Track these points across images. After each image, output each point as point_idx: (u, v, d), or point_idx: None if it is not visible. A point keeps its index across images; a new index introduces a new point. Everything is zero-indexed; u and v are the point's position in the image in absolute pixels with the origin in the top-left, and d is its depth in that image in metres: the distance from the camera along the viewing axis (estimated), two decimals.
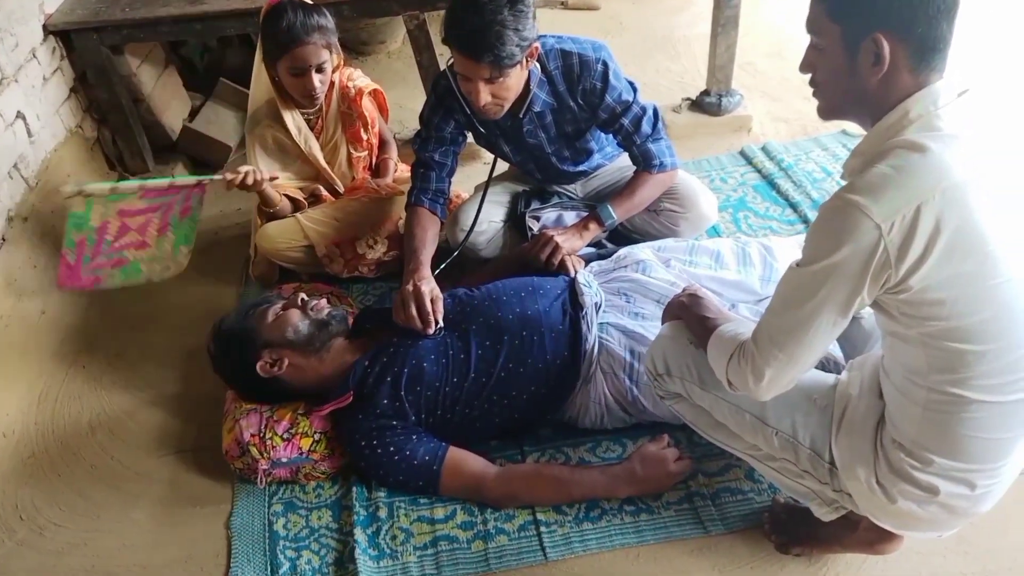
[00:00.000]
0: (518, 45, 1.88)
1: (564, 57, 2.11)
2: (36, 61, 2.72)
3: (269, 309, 1.99)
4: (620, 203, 2.29)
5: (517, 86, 2.03)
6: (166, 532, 1.95)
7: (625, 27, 3.96)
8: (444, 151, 2.26)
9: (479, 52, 1.88)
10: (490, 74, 1.92)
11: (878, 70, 1.24)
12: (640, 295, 2.08)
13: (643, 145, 2.23)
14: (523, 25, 1.87)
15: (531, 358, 1.94)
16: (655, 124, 2.23)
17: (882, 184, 1.21)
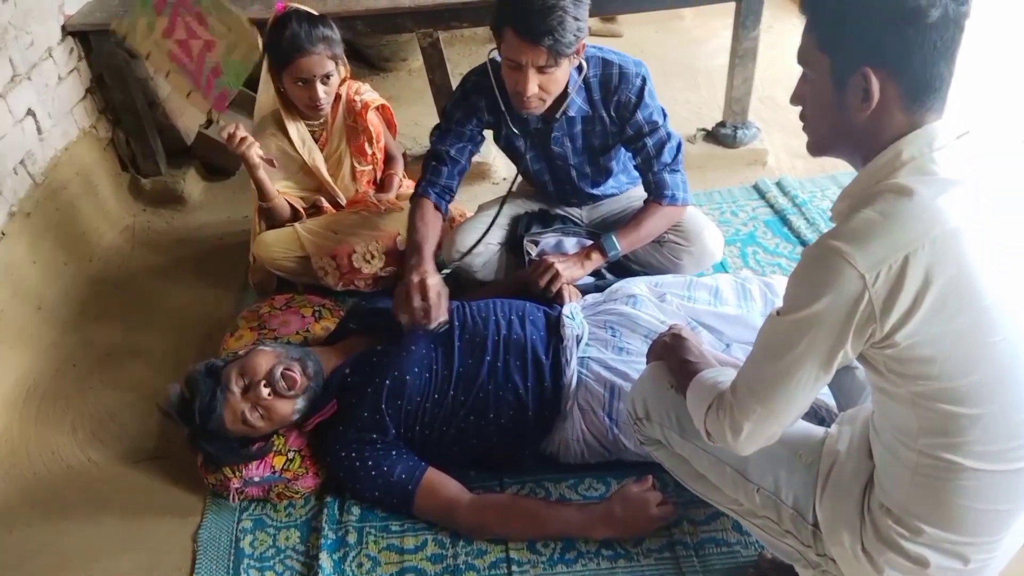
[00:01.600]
0: (575, 34, 1.81)
1: (604, 66, 2.05)
2: (52, 60, 2.70)
3: (249, 419, 1.78)
4: (625, 234, 2.19)
5: (563, 80, 1.95)
6: (133, 539, 1.89)
7: (646, 55, 3.78)
8: (460, 148, 2.18)
9: (539, 35, 1.78)
10: (546, 61, 1.83)
11: (866, 107, 1.14)
12: (627, 329, 1.98)
13: (660, 173, 2.14)
14: (581, 14, 1.81)
15: (511, 383, 1.85)
16: (676, 155, 2.15)
17: (867, 231, 1.10)
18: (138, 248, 2.89)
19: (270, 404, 1.79)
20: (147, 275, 2.75)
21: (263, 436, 1.85)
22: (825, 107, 1.19)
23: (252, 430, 1.81)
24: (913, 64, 1.10)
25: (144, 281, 2.72)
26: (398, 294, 1.92)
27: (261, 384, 1.78)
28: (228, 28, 2.09)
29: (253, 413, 1.79)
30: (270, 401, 1.79)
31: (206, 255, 2.83)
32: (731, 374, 1.36)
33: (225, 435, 1.80)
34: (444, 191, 2.20)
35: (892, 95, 1.12)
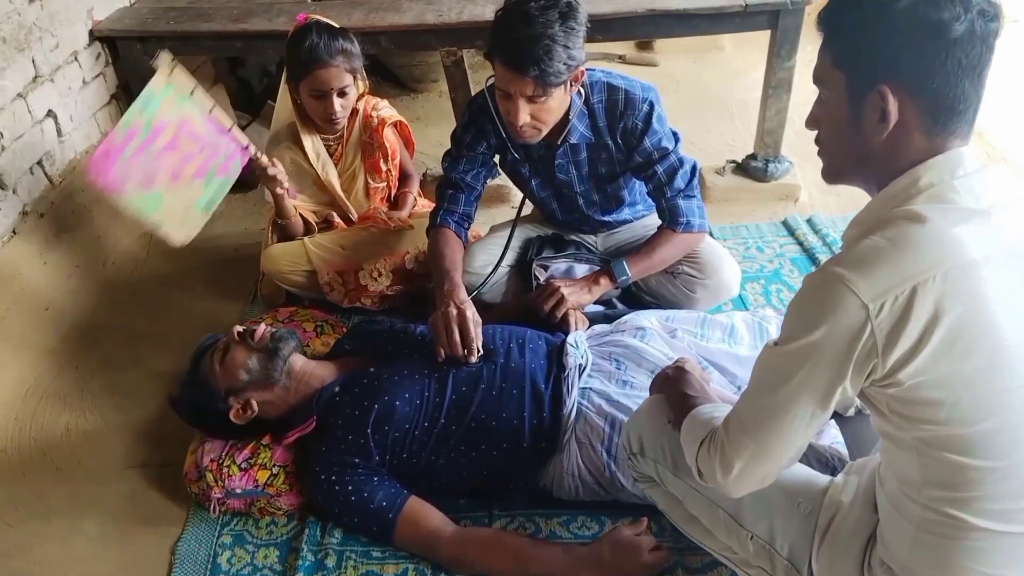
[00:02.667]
0: (566, 63, 1.77)
1: (610, 92, 2.00)
2: (77, 64, 2.75)
3: (213, 356, 1.88)
4: (637, 261, 2.13)
5: (559, 109, 1.92)
6: (112, 547, 1.87)
7: (681, 85, 3.84)
8: (475, 173, 2.17)
9: (525, 65, 1.76)
10: (533, 91, 1.81)
11: (883, 128, 1.07)
12: (632, 363, 1.91)
13: (673, 199, 2.08)
14: (573, 43, 1.77)
15: (506, 412, 1.79)
16: (690, 180, 2.09)
17: (873, 258, 1.03)
18: (152, 255, 2.90)
19: (231, 347, 1.87)
20: (158, 283, 2.76)
21: (219, 402, 1.85)
22: (840, 129, 1.13)
23: (211, 373, 1.86)
24: (935, 83, 1.03)
25: (154, 288, 2.73)
26: (435, 325, 1.88)
27: (239, 325, 1.92)
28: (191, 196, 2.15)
29: (218, 352, 1.87)
30: (234, 344, 1.87)
31: (219, 266, 2.83)
32: (728, 411, 1.28)
33: (202, 376, 1.87)
34: (463, 219, 2.18)
35: (911, 116, 1.05)
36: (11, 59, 2.44)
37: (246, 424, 1.86)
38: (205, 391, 1.85)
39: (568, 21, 1.76)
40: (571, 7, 1.77)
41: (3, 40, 2.41)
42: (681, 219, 2.08)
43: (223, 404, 1.84)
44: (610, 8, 2.62)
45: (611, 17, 2.60)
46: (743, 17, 2.61)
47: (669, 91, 3.77)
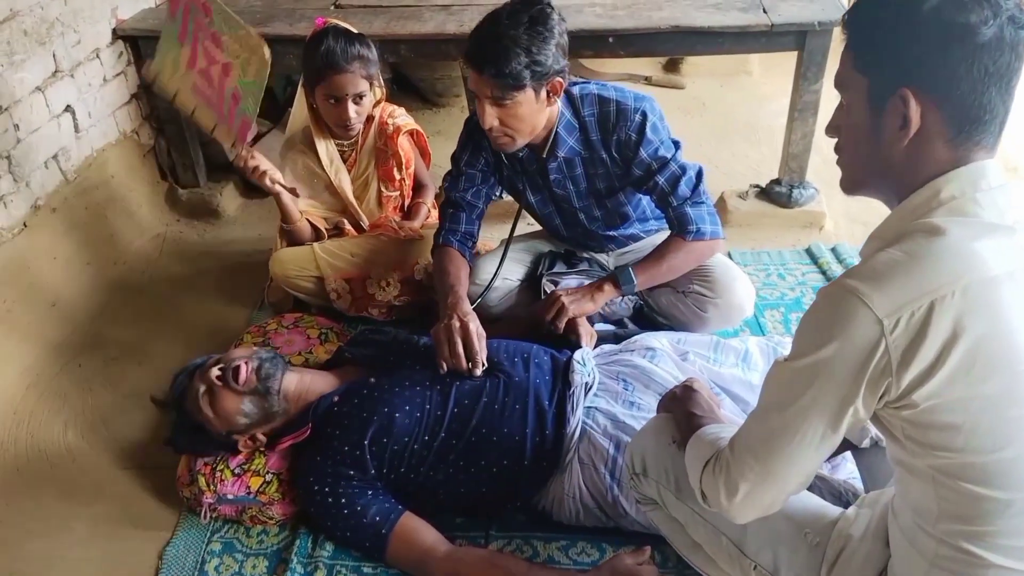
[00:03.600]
0: (528, 67, 1.76)
1: (601, 104, 1.97)
2: (99, 61, 2.78)
3: (200, 400, 1.77)
4: (644, 268, 2.08)
5: (529, 118, 1.88)
6: (98, 549, 1.84)
7: (707, 108, 3.81)
8: (476, 192, 2.14)
9: (481, 63, 1.78)
10: (492, 92, 1.81)
11: (904, 135, 1.02)
12: (641, 384, 1.86)
13: (680, 208, 2.02)
14: (538, 48, 1.76)
15: (507, 428, 1.74)
16: (696, 187, 2.03)
17: (888, 271, 0.98)
18: (165, 257, 2.91)
19: (217, 392, 1.77)
20: (168, 284, 2.76)
21: (221, 437, 1.80)
22: (860, 135, 1.09)
23: (203, 417, 1.77)
24: (959, 89, 0.99)
25: (164, 290, 2.73)
26: (438, 337, 1.85)
27: (215, 365, 1.79)
28: (240, 45, 2.08)
29: (204, 397, 1.77)
30: (218, 388, 1.77)
31: (230, 270, 2.83)
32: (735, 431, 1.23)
33: (193, 417, 1.79)
34: (465, 237, 2.15)
35: (934, 124, 1.01)
36: (31, 52, 2.46)
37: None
38: (203, 434, 1.80)
39: (536, 26, 1.76)
40: (542, 13, 1.77)
41: (24, 33, 2.44)
42: (691, 227, 2.02)
43: (227, 439, 1.80)
44: (632, 23, 2.60)
45: (633, 32, 2.58)
46: (769, 37, 2.57)
47: (695, 113, 3.76)
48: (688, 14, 2.62)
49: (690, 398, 1.46)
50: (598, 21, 2.62)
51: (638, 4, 2.74)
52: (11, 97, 2.39)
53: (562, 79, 1.85)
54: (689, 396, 1.47)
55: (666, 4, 2.72)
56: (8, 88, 2.37)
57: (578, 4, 2.76)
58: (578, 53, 2.69)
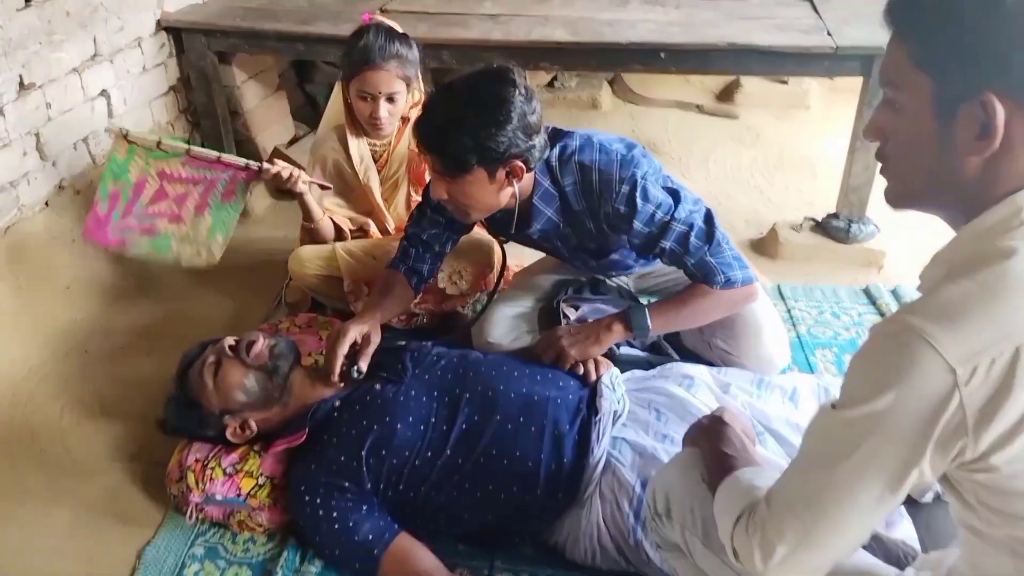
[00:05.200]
0: (473, 151, 1.62)
1: (582, 171, 1.78)
2: (140, 50, 2.77)
3: (203, 370, 1.70)
4: (661, 311, 1.87)
5: (483, 198, 1.73)
6: (77, 542, 1.76)
7: (761, 139, 3.67)
8: (435, 235, 1.96)
9: (421, 137, 1.68)
10: (435, 167, 1.70)
11: (983, 146, 0.86)
12: (675, 415, 1.71)
13: (700, 261, 1.80)
14: (487, 134, 1.60)
15: (520, 451, 1.61)
16: (709, 236, 1.78)
17: (961, 307, 0.83)
18: None
19: (225, 362, 1.71)
20: (187, 277, 2.67)
21: (212, 418, 1.71)
22: (920, 144, 0.92)
23: (202, 389, 1.70)
24: None
25: (181, 282, 2.65)
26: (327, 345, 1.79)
27: (230, 337, 1.75)
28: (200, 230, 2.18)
29: (209, 367, 1.71)
30: (227, 359, 1.71)
31: (251, 268, 2.76)
32: (774, 479, 1.08)
33: (191, 391, 1.72)
34: (411, 272, 1.97)
35: (1019, 131, 0.85)
36: (72, 33, 2.45)
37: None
38: (196, 411, 1.71)
39: (489, 110, 1.60)
40: (500, 96, 1.60)
41: (67, 13, 2.43)
42: (718, 276, 1.79)
43: (218, 423, 1.71)
44: (686, 38, 2.49)
45: (687, 48, 2.48)
46: (833, 60, 2.44)
47: (747, 144, 3.63)
48: (747, 32, 2.51)
49: (720, 432, 1.31)
50: (650, 35, 2.53)
51: (694, 21, 2.64)
52: (46, 75, 2.37)
53: (524, 162, 1.68)
54: (719, 430, 1.32)
55: (724, 22, 2.61)
56: (44, 66, 2.35)
57: (631, 19, 2.67)
58: (628, 67, 2.60)
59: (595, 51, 2.54)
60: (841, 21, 2.54)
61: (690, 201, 1.79)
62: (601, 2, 2.85)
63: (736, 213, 3.01)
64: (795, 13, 2.68)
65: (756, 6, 2.77)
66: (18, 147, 2.31)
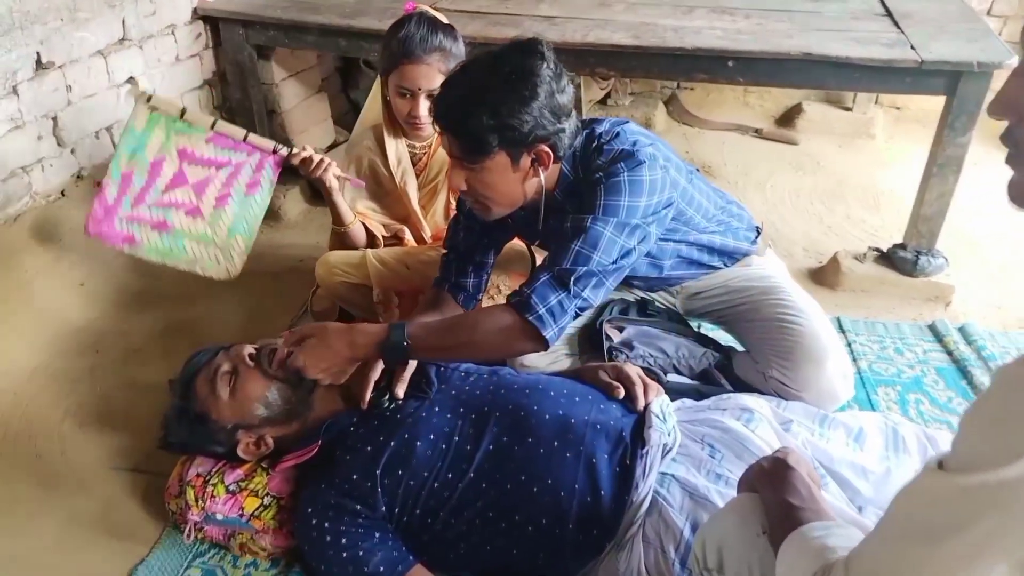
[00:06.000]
0: (494, 131, 1.47)
1: (605, 155, 1.61)
2: (173, 38, 2.68)
3: (216, 380, 1.54)
4: (424, 330, 1.56)
5: (504, 187, 1.57)
6: (65, 556, 1.63)
7: (822, 167, 3.49)
8: (473, 243, 1.82)
9: (439, 113, 1.53)
10: (453, 151, 1.54)
11: None
12: (732, 452, 1.52)
13: (546, 272, 1.54)
14: (509, 109, 1.46)
15: (552, 479, 1.43)
16: (583, 278, 1.53)
17: None
18: None
19: (243, 372, 1.55)
20: (210, 280, 2.54)
21: (223, 433, 1.55)
22: None
23: (214, 401, 1.54)
24: None
25: (204, 285, 2.48)
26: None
27: (248, 345, 1.60)
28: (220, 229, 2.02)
29: (224, 376, 1.55)
30: (245, 369, 1.56)
31: (279, 274, 2.64)
32: (850, 538, 0.93)
33: (199, 402, 1.56)
34: (456, 289, 1.84)
35: None
36: (98, 12, 2.36)
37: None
38: (204, 424, 1.55)
39: (514, 83, 1.46)
40: (528, 68, 1.46)
41: None
42: (531, 300, 1.51)
43: (229, 438, 1.55)
44: (756, 46, 2.32)
45: (758, 56, 2.31)
46: (915, 76, 2.25)
47: (807, 171, 3.47)
48: (822, 43, 2.33)
49: (784, 477, 1.13)
50: (717, 42, 2.36)
51: (765, 30, 2.48)
52: (67, 55, 2.27)
53: (552, 147, 1.53)
54: (782, 474, 1.14)
55: (797, 32, 2.44)
56: (65, 44, 2.26)
57: (697, 26, 2.52)
58: (692, 76, 2.43)
59: (657, 56, 2.38)
60: (926, 36, 2.35)
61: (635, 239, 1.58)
62: (664, 8, 2.70)
63: (794, 241, 2.84)
64: (874, 27, 2.50)
65: (832, 19, 2.60)
66: (32, 130, 2.21)
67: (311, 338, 1.54)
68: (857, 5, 2.76)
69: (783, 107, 3.93)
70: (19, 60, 2.12)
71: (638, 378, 1.63)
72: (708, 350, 1.98)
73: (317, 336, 1.54)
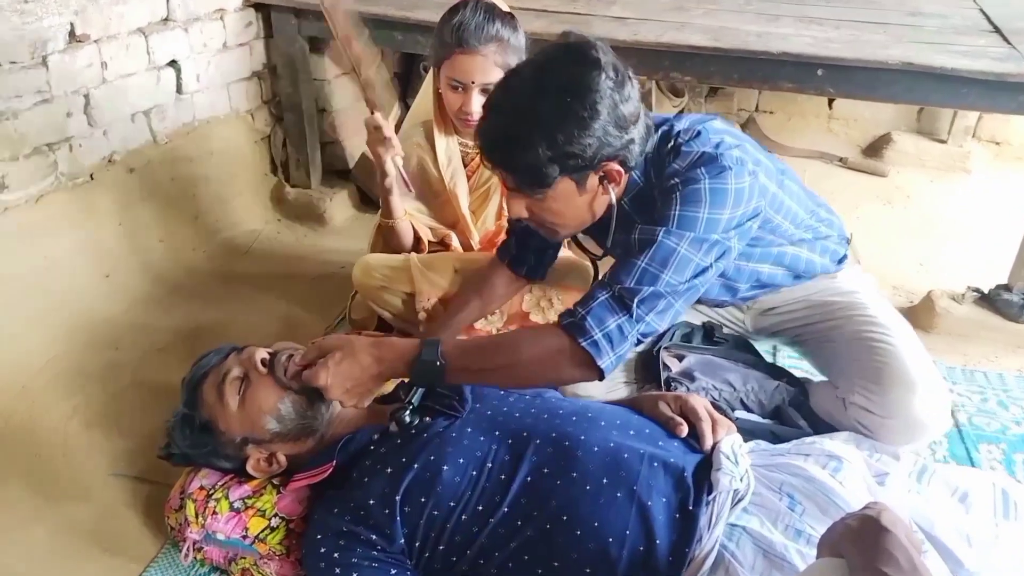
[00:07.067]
0: (554, 162, 1.31)
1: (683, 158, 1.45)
2: (221, 24, 2.61)
3: (224, 387, 1.41)
4: (462, 349, 1.41)
5: (572, 211, 1.43)
6: (53, 567, 1.52)
7: (912, 201, 3.28)
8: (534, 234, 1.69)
9: (486, 149, 1.38)
10: (508, 184, 1.40)
11: None
12: (815, 506, 1.31)
13: (603, 291, 1.37)
14: (567, 136, 1.29)
15: (599, 522, 1.24)
16: (653, 290, 1.36)
17: None
18: (253, 254, 2.67)
19: (255, 380, 1.40)
20: (247, 283, 2.50)
21: (231, 445, 1.41)
22: None
23: (221, 409, 1.40)
24: None
25: (241, 286, 2.47)
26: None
27: (262, 348, 1.45)
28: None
29: (233, 383, 1.41)
30: (257, 376, 1.41)
31: (319, 279, 2.54)
32: None
33: (205, 409, 1.42)
34: (516, 261, 1.78)
35: None
36: None
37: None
38: (211, 435, 1.41)
39: (568, 101, 1.29)
40: (583, 80, 1.29)
41: None
42: (590, 331, 1.34)
43: (237, 452, 1.41)
44: (851, 53, 2.14)
45: (851, 65, 2.13)
46: None
47: (897, 204, 3.28)
48: (924, 54, 2.14)
49: (878, 541, 0.94)
50: (806, 48, 2.19)
51: (860, 38, 2.30)
52: (103, 29, 2.19)
53: (621, 163, 1.37)
54: (877, 537, 0.95)
55: (894, 44, 2.25)
56: (102, 18, 2.18)
57: (783, 33, 2.35)
58: (776, 84, 2.25)
59: (738, 60, 2.21)
60: None
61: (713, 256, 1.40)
62: (748, 15, 2.54)
63: (883, 277, 2.63)
64: (980, 41, 2.30)
65: (932, 32, 2.41)
66: (61, 105, 2.12)
67: (336, 352, 1.36)
68: (960, 21, 2.57)
69: (870, 136, 3.74)
70: (51, 30, 2.04)
71: (705, 412, 1.42)
72: (781, 383, 1.78)
73: (343, 350, 1.36)
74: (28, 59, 2.01)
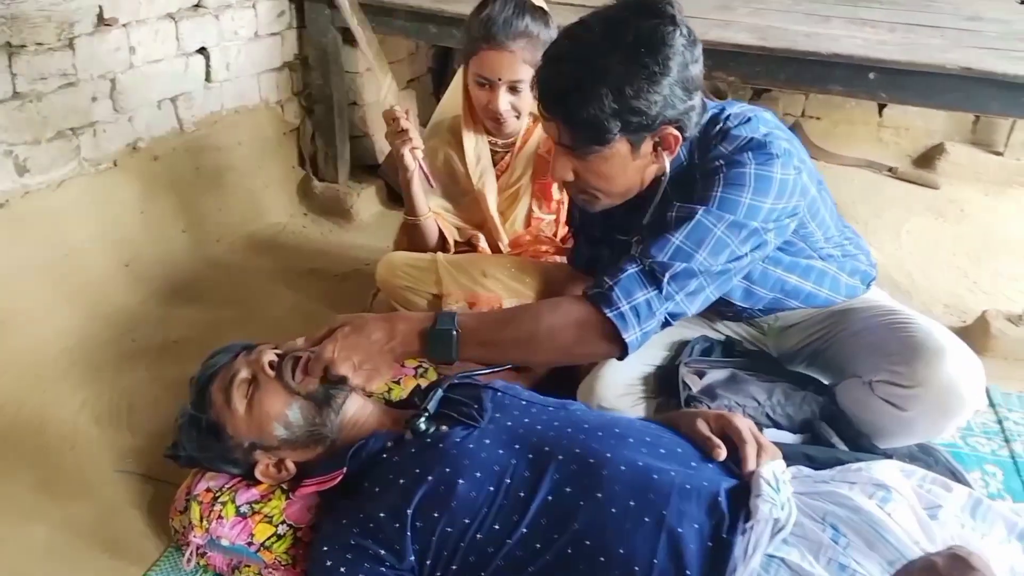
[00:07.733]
0: (617, 116, 1.26)
1: (727, 140, 1.40)
2: (253, 12, 2.58)
3: (231, 390, 1.36)
4: (477, 319, 1.40)
5: (620, 177, 1.38)
6: (50, 567, 1.48)
7: (966, 215, 3.17)
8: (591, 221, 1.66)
9: (545, 97, 1.32)
10: (561, 139, 1.33)
11: None
12: (860, 539, 1.22)
13: (632, 263, 1.34)
14: (636, 89, 1.25)
15: (625, 548, 1.16)
16: (686, 268, 1.33)
17: None
18: (277, 248, 2.64)
19: (263, 383, 1.35)
20: (268, 276, 2.46)
21: (238, 450, 1.36)
22: None
23: (229, 413, 1.35)
24: None
25: (261, 279, 2.43)
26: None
27: (271, 349, 1.40)
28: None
29: (241, 385, 1.36)
30: (265, 379, 1.35)
31: (342, 276, 2.51)
32: None
33: (213, 412, 1.38)
34: (594, 262, 1.74)
35: None
36: None
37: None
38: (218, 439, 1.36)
39: (641, 54, 1.24)
40: (657, 33, 1.24)
41: None
42: (617, 302, 1.31)
43: (246, 456, 1.37)
44: (906, 56, 2.04)
45: (906, 69, 2.02)
46: None
47: (950, 219, 3.16)
48: (985, 59, 2.03)
49: None
50: (858, 50, 2.09)
51: (916, 41, 2.20)
52: (132, 13, 2.17)
53: (679, 128, 1.32)
54: None
55: (952, 48, 2.15)
56: (131, 2, 2.17)
57: (834, 34, 2.26)
58: (825, 87, 2.16)
59: (785, 61, 2.12)
60: None
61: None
62: (796, 15, 2.45)
63: (934, 295, 2.52)
64: None
65: (993, 38, 2.30)
66: (87, 89, 2.10)
67: (344, 327, 1.33)
68: (1022, 27, 2.45)
69: (922, 146, 3.62)
70: (78, 12, 2.02)
71: (750, 435, 1.34)
72: (808, 392, 1.68)
73: (352, 324, 1.33)
74: (55, 41, 1.99)
